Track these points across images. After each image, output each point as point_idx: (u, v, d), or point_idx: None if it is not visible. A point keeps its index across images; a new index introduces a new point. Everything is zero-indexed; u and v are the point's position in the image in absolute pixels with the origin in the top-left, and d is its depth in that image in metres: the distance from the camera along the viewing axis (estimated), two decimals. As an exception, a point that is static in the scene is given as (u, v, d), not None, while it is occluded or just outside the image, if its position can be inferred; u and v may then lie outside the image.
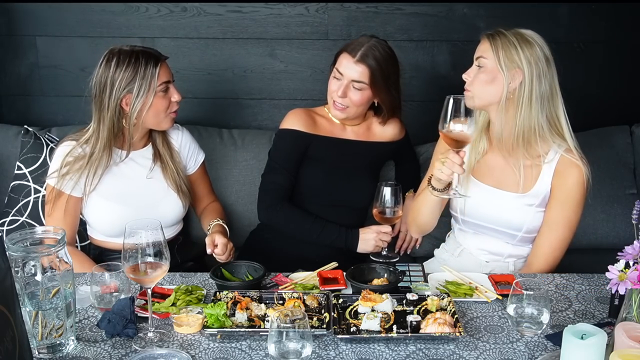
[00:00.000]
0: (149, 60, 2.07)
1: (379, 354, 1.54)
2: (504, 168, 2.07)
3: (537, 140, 1.99)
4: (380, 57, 2.21)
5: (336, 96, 2.24)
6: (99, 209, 2.16)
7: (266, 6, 2.85)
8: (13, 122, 2.77)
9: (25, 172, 2.53)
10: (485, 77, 1.98)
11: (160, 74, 2.08)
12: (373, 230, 2.22)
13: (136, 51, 2.08)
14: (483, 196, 2.08)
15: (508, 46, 1.95)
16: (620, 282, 1.45)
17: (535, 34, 1.99)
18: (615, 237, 2.65)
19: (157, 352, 1.52)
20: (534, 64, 1.94)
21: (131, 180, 2.18)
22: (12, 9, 2.85)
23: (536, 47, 1.96)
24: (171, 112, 2.15)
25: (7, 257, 1.28)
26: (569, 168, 2.00)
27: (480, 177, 2.10)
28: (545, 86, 1.96)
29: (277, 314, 1.42)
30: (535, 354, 1.54)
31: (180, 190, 2.23)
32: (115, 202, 2.14)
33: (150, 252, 1.54)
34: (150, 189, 2.19)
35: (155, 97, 2.08)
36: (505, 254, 2.13)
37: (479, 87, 1.98)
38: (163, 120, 2.15)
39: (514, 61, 1.94)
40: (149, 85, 2.06)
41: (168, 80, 2.12)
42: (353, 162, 2.36)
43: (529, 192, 2.04)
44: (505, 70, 1.95)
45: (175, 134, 2.30)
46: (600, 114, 2.90)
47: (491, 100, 1.99)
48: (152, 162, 2.21)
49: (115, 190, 2.15)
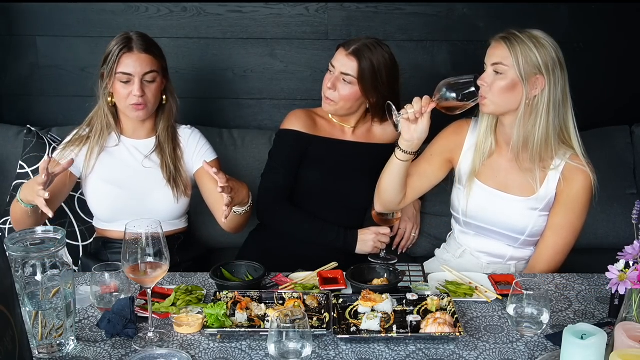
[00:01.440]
0: (120, 44, 2.12)
1: (379, 354, 1.54)
2: (509, 171, 2.07)
3: (547, 147, 1.97)
4: (373, 57, 2.20)
5: (326, 88, 2.25)
6: (96, 190, 2.20)
7: (266, 6, 2.85)
8: (13, 122, 2.77)
9: (28, 172, 2.53)
10: (504, 84, 1.93)
11: (122, 62, 2.11)
12: (372, 232, 2.22)
13: (127, 36, 2.15)
14: (486, 198, 2.07)
15: (527, 52, 1.91)
16: (620, 282, 1.45)
17: (546, 35, 1.96)
18: (615, 237, 2.65)
19: (157, 352, 1.52)
20: (552, 70, 1.92)
21: (128, 165, 2.22)
22: (12, 9, 2.85)
23: (552, 50, 1.93)
24: (131, 104, 2.14)
25: (7, 257, 1.28)
26: (575, 174, 2.00)
27: (484, 179, 2.09)
28: (560, 92, 1.94)
29: (277, 314, 1.42)
30: (535, 354, 1.54)
31: (173, 182, 2.21)
32: (111, 185, 2.19)
33: (150, 252, 1.54)
34: (145, 177, 2.21)
35: (116, 82, 2.13)
36: (507, 256, 2.13)
37: (498, 94, 1.94)
38: (126, 109, 2.17)
39: (535, 68, 1.91)
40: (110, 68, 2.12)
41: (131, 74, 2.11)
42: (352, 163, 2.36)
43: (533, 196, 2.03)
44: (526, 79, 1.91)
45: (185, 133, 2.31)
46: (600, 114, 2.89)
47: (510, 107, 1.96)
48: (151, 152, 2.23)
49: (112, 174, 2.20)
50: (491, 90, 1.95)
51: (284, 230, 2.31)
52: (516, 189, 2.06)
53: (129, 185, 2.19)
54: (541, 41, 1.93)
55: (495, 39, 1.98)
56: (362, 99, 2.27)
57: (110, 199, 2.19)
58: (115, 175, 2.20)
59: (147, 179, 2.21)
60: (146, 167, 2.22)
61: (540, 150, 1.98)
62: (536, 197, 2.03)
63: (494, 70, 1.95)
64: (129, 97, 2.13)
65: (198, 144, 2.31)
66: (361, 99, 2.26)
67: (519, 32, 1.95)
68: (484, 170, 2.09)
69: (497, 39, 1.97)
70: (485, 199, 2.07)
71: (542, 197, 2.03)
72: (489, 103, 1.96)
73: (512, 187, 2.06)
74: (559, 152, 2.00)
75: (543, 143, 1.97)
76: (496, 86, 1.94)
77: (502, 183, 2.07)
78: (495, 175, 2.08)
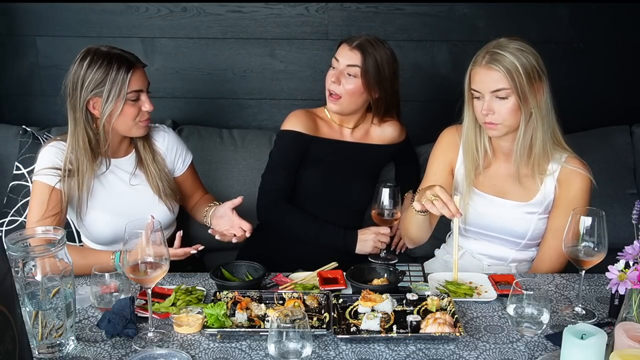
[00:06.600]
0: (121, 64, 1.96)
1: (379, 354, 1.54)
2: (506, 177, 2.06)
3: (545, 153, 1.98)
4: (376, 52, 2.22)
5: (330, 82, 2.25)
6: (94, 222, 2.09)
7: (266, 6, 2.85)
8: (13, 122, 2.78)
9: (24, 172, 2.53)
10: (511, 105, 1.91)
11: (132, 82, 1.97)
12: (372, 232, 2.22)
13: (112, 53, 1.98)
14: (485, 205, 2.07)
15: (520, 71, 1.87)
16: (620, 282, 1.45)
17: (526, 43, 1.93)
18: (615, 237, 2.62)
19: (157, 352, 1.52)
20: (545, 75, 1.92)
21: (117, 189, 2.11)
22: (12, 9, 2.85)
23: (538, 58, 1.92)
24: (141, 121, 2.04)
25: (7, 257, 1.28)
26: (572, 177, 2.00)
27: (482, 187, 2.09)
28: (549, 97, 1.95)
29: (277, 314, 1.42)
30: (535, 354, 1.54)
31: (164, 195, 2.15)
32: (106, 213, 2.08)
33: (151, 252, 1.54)
34: (137, 196, 2.13)
35: (125, 104, 1.98)
36: (509, 259, 2.12)
37: (508, 117, 1.92)
38: (133, 127, 2.04)
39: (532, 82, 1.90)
40: (118, 91, 1.95)
41: (140, 89, 2.00)
42: (352, 164, 2.36)
43: (532, 201, 2.03)
44: (530, 95, 1.90)
45: (159, 137, 2.21)
46: (600, 114, 2.90)
47: (518, 124, 1.95)
48: (134, 168, 2.14)
49: (104, 202, 2.08)
50: (501, 116, 1.92)
51: (284, 231, 2.31)
52: (514, 195, 2.05)
53: (124, 210, 2.06)
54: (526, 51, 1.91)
55: (481, 64, 1.92)
56: (365, 95, 2.27)
57: (111, 228, 2.07)
58: (109, 203, 2.08)
59: (140, 199, 2.13)
60: (134, 185, 2.13)
61: (539, 158, 1.99)
62: (534, 201, 2.03)
63: (496, 96, 1.91)
64: (139, 115, 2.02)
65: (177, 146, 2.24)
66: (364, 94, 2.27)
67: (500, 50, 1.90)
68: (481, 178, 2.09)
69: (484, 64, 1.92)
70: (484, 206, 2.07)
71: (541, 201, 2.03)
72: (502, 127, 1.95)
73: (510, 192, 2.06)
74: (555, 156, 2.01)
75: (542, 151, 1.98)
76: (505, 110, 1.91)
77: (500, 189, 2.07)
78: (493, 183, 2.08)
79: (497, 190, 2.07)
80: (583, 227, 1.67)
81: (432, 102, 2.92)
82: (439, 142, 2.18)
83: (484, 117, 1.94)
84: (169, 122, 2.80)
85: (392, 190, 2.05)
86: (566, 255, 1.73)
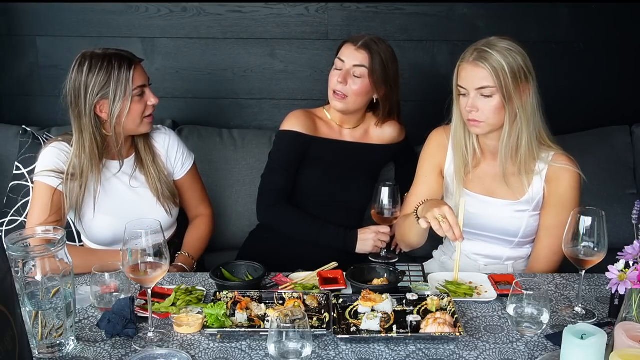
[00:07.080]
0: (122, 63, 1.97)
1: (379, 354, 1.54)
2: (494, 176, 2.06)
3: (531, 153, 1.98)
4: (380, 50, 2.24)
5: (336, 83, 2.24)
6: (92, 222, 2.09)
7: (266, 6, 2.85)
8: (13, 122, 2.78)
9: (23, 172, 2.53)
10: (495, 104, 1.91)
11: (135, 78, 1.98)
12: (372, 231, 2.22)
13: (109, 54, 1.98)
14: (476, 205, 2.06)
15: (507, 70, 1.88)
16: (620, 282, 1.45)
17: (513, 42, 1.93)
18: (615, 237, 2.61)
19: (157, 352, 1.52)
20: (531, 75, 1.92)
21: (118, 191, 2.11)
22: (12, 9, 2.85)
23: (524, 56, 1.91)
24: (147, 117, 2.05)
25: (7, 257, 1.28)
26: (560, 174, 2.00)
27: (472, 187, 2.09)
28: (536, 97, 1.95)
29: (277, 314, 1.42)
30: (535, 354, 1.54)
31: (163, 197, 2.15)
32: (106, 215, 2.08)
33: (150, 252, 1.54)
34: (136, 198, 2.13)
35: (132, 101, 1.99)
36: (504, 257, 2.12)
37: (491, 116, 1.92)
38: (141, 125, 2.05)
39: (518, 82, 1.90)
40: (124, 90, 1.96)
41: (144, 84, 2.02)
42: (352, 164, 2.36)
43: (522, 199, 2.03)
44: (515, 95, 1.90)
45: (160, 138, 2.21)
46: (600, 114, 2.90)
47: (502, 123, 1.95)
48: (134, 170, 2.14)
49: (105, 203, 2.09)
50: (484, 113, 1.93)
51: (284, 231, 2.31)
52: (504, 194, 2.05)
53: (123, 213, 2.05)
54: (514, 51, 1.90)
55: (468, 61, 1.93)
56: (370, 94, 2.28)
57: (111, 230, 2.07)
58: (109, 205, 2.09)
59: (139, 201, 2.13)
60: (134, 187, 2.13)
61: (526, 158, 1.99)
62: (524, 199, 2.03)
63: (480, 94, 1.92)
64: (145, 110, 2.04)
65: (178, 148, 2.23)
66: (370, 93, 2.28)
67: (488, 48, 1.91)
68: (470, 177, 2.09)
69: (471, 61, 1.92)
70: (475, 206, 2.07)
71: (531, 199, 2.03)
72: (485, 126, 1.95)
73: (500, 192, 2.06)
74: (541, 155, 2.01)
75: (527, 151, 1.98)
76: (488, 108, 1.92)
77: (489, 189, 2.07)
78: (482, 182, 2.08)
79: (486, 190, 2.08)
80: (583, 227, 1.66)
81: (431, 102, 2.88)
82: (428, 144, 2.19)
83: (468, 114, 1.95)
84: (169, 122, 2.80)
85: (391, 189, 2.06)
86: (561, 253, 1.73)
